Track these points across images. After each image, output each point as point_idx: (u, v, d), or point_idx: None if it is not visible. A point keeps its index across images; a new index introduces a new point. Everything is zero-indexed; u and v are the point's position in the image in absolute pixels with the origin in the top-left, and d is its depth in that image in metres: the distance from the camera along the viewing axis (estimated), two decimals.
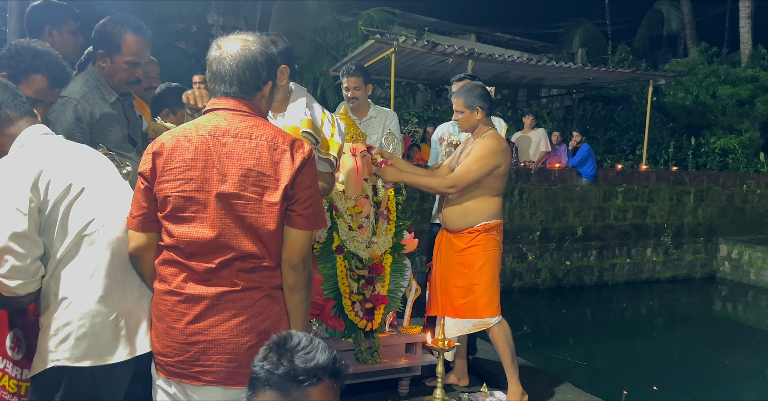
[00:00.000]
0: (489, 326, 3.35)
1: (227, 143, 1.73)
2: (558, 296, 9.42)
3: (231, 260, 1.73)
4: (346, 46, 12.14)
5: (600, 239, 9.90)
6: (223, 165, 1.73)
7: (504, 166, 3.32)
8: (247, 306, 1.75)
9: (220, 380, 1.75)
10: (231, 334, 1.74)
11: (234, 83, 1.79)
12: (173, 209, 1.75)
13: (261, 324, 1.77)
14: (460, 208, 3.38)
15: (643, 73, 11.19)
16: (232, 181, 1.72)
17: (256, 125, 1.77)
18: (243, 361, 1.73)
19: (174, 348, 1.77)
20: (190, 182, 1.73)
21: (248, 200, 1.72)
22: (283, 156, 1.74)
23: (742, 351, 7.47)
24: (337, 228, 3.24)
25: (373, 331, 3.33)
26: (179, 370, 1.77)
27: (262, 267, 1.77)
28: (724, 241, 10.87)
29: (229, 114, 1.79)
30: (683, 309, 9.74)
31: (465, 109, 3.38)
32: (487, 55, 9.31)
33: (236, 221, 1.73)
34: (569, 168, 9.71)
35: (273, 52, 1.86)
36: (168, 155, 1.75)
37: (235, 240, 1.73)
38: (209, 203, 1.73)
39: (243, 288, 1.75)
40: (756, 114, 13.61)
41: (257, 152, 1.73)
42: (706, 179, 10.80)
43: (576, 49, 17.28)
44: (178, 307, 1.76)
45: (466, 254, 3.37)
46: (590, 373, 6.12)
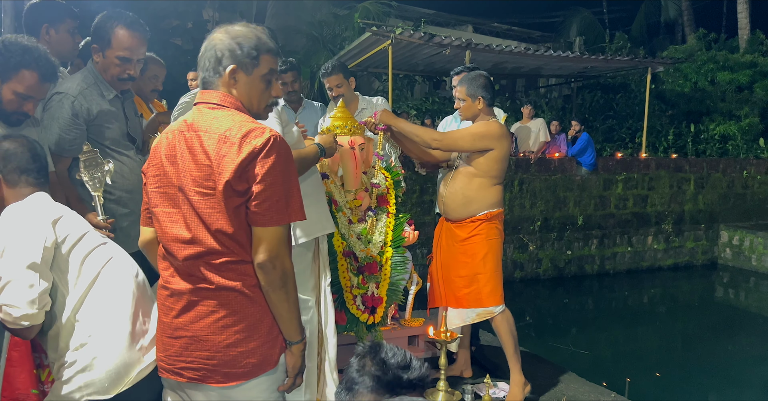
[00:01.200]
0: (493, 315, 3.35)
1: (189, 138, 1.72)
2: (559, 286, 9.43)
3: (200, 255, 1.71)
4: (343, 40, 12.10)
5: (601, 228, 9.90)
6: (184, 160, 1.72)
7: (498, 151, 3.31)
8: (224, 304, 1.72)
9: (201, 377, 1.73)
10: (209, 331, 1.72)
11: (201, 69, 1.81)
12: (153, 203, 1.81)
13: (238, 323, 1.72)
14: (461, 197, 3.38)
15: (642, 60, 11.16)
16: (189, 177, 1.70)
17: (217, 117, 1.73)
18: (221, 359, 1.71)
19: (163, 342, 1.80)
20: (162, 177, 1.77)
21: (203, 196, 1.69)
22: (231, 149, 1.65)
23: (744, 337, 7.48)
24: (336, 222, 3.24)
25: (375, 324, 3.33)
26: (166, 365, 1.79)
27: (233, 263, 1.71)
28: (725, 227, 10.86)
29: (202, 107, 1.78)
30: (685, 296, 9.75)
31: (467, 97, 3.38)
32: (485, 46, 9.29)
33: (196, 216, 1.71)
34: (569, 158, 9.69)
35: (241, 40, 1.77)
36: (154, 151, 1.82)
37: (200, 235, 1.71)
38: (177, 199, 1.74)
39: (217, 286, 1.71)
40: (755, 100, 13.57)
41: (207, 146, 1.68)
42: (706, 166, 10.78)
43: (573, 38, 17.23)
44: (167, 301, 1.78)
45: (468, 243, 3.38)
46: (593, 362, 6.13)
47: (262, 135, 1.67)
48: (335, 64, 3.96)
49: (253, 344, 1.73)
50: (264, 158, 1.65)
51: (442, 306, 3.52)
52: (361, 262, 3.30)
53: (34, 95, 2.31)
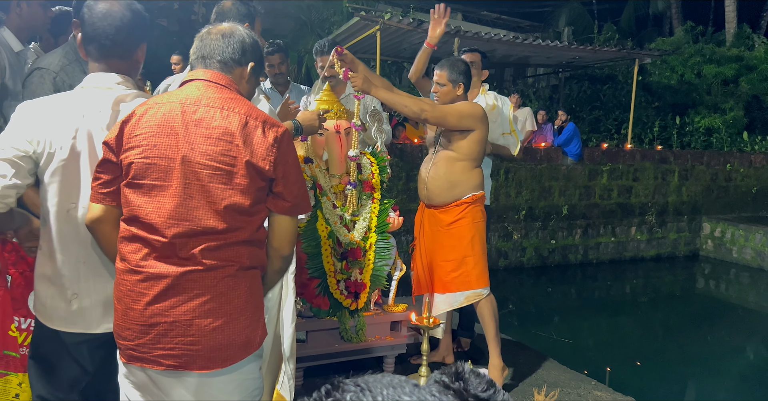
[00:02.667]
0: (482, 297, 3.37)
1: (197, 111, 1.66)
2: (543, 275, 9.48)
3: (195, 233, 1.63)
4: (331, 24, 12.00)
5: (585, 218, 9.94)
6: (190, 133, 1.64)
7: (479, 133, 3.33)
8: (211, 286, 1.65)
9: (182, 364, 1.64)
10: (193, 315, 1.63)
11: (215, 55, 1.76)
12: (134, 175, 1.66)
13: (226, 305, 1.66)
14: (446, 181, 3.38)
15: (629, 52, 11.18)
16: (200, 149, 1.63)
17: (231, 97, 1.70)
18: (207, 344, 1.64)
19: (134, 330, 1.66)
20: (154, 148, 1.65)
21: (215, 170, 1.63)
22: (255, 131, 1.66)
23: (723, 328, 7.57)
24: (321, 206, 3.21)
25: (358, 310, 3.32)
26: (139, 354, 1.66)
27: (229, 244, 1.67)
28: (707, 219, 10.97)
29: (204, 84, 1.73)
30: (667, 287, 9.84)
31: (448, 83, 3.37)
32: (473, 34, 9.25)
33: (200, 191, 1.64)
34: (555, 147, 9.71)
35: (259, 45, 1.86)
36: (136, 122, 1.68)
37: (195, 213, 1.63)
38: (172, 171, 1.64)
39: (207, 267, 1.64)
40: (740, 93, 13.66)
41: (228, 122, 1.65)
42: (690, 158, 10.85)
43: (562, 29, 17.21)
44: (138, 287, 1.65)
45: (455, 227, 3.39)
46: (575, 350, 6.18)
47: (278, 124, 1.72)
48: (331, 43, 3.87)
49: (238, 326, 1.68)
50: (286, 146, 1.71)
51: (428, 292, 3.52)
52: (344, 247, 3.28)
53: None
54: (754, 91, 13.70)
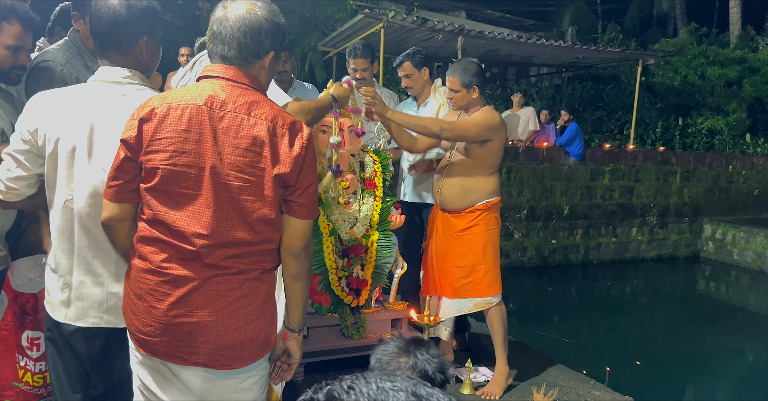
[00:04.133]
0: (491, 305, 3.35)
1: (225, 117, 1.61)
2: (544, 275, 9.49)
3: (221, 244, 1.63)
4: (335, 21, 11.98)
5: (586, 218, 9.95)
6: (219, 141, 1.61)
7: (497, 142, 3.29)
8: (234, 288, 1.66)
9: (206, 362, 1.67)
10: (217, 316, 1.65)
11: (233, 47, 1.68)
12: (161, 182, 1.62)
13: (249, 306, 1.68)
14: (460, 187, 3.34)
15: (633, 52, 11.16)
16: (229, 160, 1.60)
17: (256, 101, 1.66)
18: (229, 343, 1.66)
19: (156, 327, 1.67)
20: (183, 155, 1.60)
21: (245, 182, 1.61)
22: (282, 140, 1.63)
23: (723, 329, 7.58)
24: (323, 203, 3.22)
25: (360, 307, 3.33)
26: (164, 350, 1.68)
27: (255, 252, 1.68)
28: (708, 221, 10.96)
29: (227, 85, 1.67)
30: (667, 288, 9.85)
31: (462, 88, 3.31)
32: (477, 32, 9.24)
33: (230, 203, 1.62)
34: (557, 147, 9.70)
35: (281, 22, 1.74)
36: (158, 122, 1.62)
37: (225, 224, 1.62)
38: (203, 181, 1.61)
39: (233, 272, 1.66)
40: (743, 95, 13.64)
41: (255, 131, 1.61)
42: (692, 160, 10.85)
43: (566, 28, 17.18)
44: (161, 287, 1.65)
45: (467, 234, 3.35)
46: (574, 350, 6.19)
47: (302, 128, 1.69)
48: (367, 46, 3.88)
49: (259, 326, 1.71)
50: (309, 152, 1.68)
51: (437, 295, 3.50)
52: (346, 244, 3.29)
53: (23, 44, 2.30)
54: (757, 94, 13.68)
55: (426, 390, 0.67)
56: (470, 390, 3.30)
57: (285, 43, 1.76)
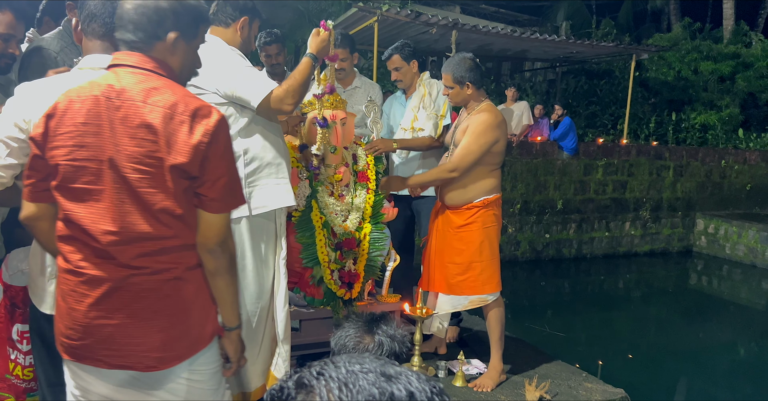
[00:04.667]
0: (486, 303, 3.33)
1: (122, 107, 1.52)
2: (537, 269, 9.52)
3: (129, 241, 1.55)
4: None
5: (579, 213, 9.97)
6: (116, 132, 1.51)
7: (502, 141, 3.25)
8: (154, 289, 1.58)
9: (129, 364, 1.60)
10: (138, 318, 1.57)
11: (130, 30, 1.58)
12: (64, 178, 1.55)
13: (172, 306, 1.61)
14: (458, 184, 3.30)
15: (627, 47, 11.17)
16: (127, 151, 1.51)
17: (156, 87, 1.55)
18: (152, 345, 1.58)
19: (77, 330, 1.59)
20: (83, 149, 1.53)
21: (143, 174, 1.52)
22: (180, 127, 1.51)
23: (714, 323, 7.62)
24: (316, 196, 3.21)
25: (352, 300, 3.33)
26: (87, 353, 1.61)
27: (170, 248, 1.59)
28: (701, 216, 11.01)
29: (129, 72, 1.58)
30: (660, 282, 9.89)
31: (454, 85, 3.28)
32: (471, 27, 9.22)
33: (132, 196, 1.54)
34: (551, 142, 9.72)
35: (186, 4, 1.63)
36: (60, 117, 1.56)
37: (128, 218, 1.54)
38: (103, 175, 1.53)
39: (150, 271, 1.57)
40: (736, 91, 13.70)
41: (150, 119, 1.50)
42: (685, 155, 10.88)
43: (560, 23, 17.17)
44: (80, 288, 1.58)
45: (464, 231, 3.31)
46: (567, 343, 6.21)
47: (210, 114, 1.55)
48: (345, 36, 3.88)
49: (186, 325, 1.63)
50: (216, 140, 1.54)
51: (434, 290, 3.49)
52: (339, 238, 3.29)
53: (14, 33, 2.28)
54: (750, 89, 13.74)
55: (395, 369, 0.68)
56: (462, 383, 3.31)
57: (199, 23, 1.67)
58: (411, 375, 0.67)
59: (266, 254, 2.65)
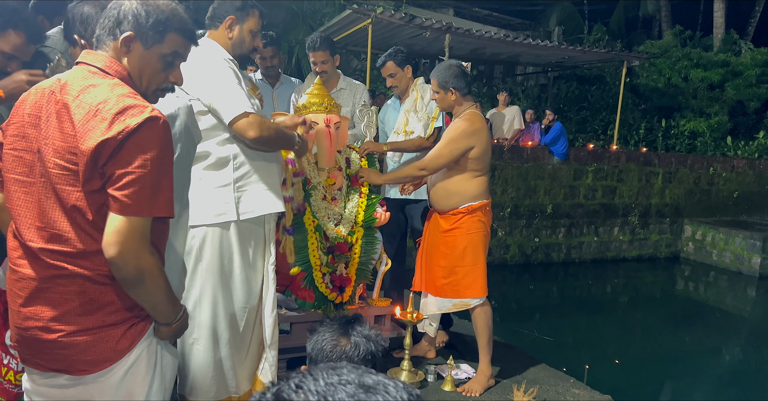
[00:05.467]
0: (469, 306, 3.37)
1: (60, 101, 1.50)
2: (526, 272, 9.56)
3: (49, 239, 1.51)
4: (323, 16, 11.94)
5: (569, 217, 10.03)
6: (49, 126, 1.50)
7: (478, 148, 3.28)
8: (78, 292, 1.52)
9: (62, 367, 1.55)
10: (62, 322, 1.52)
11: (98, 28, 1.60)
12: (5, 168, 1.56)
13: (97, 311, 1.54)
14: (443, 189, 3.37)
15: (618, 53, 11.25)
16: (53, 145, 1.48)
17: (95, 85, 1.50)
18: (80, 348, 1.53)
19: (15, 333, 1.58)
20: (22, 140, 1.54)
21: (63, 170, 1.47)
22: (100, 124, 1.43)
23: (700, 329, 7.69)
24: (309, 200, 3.22)
25: (343, 303, 3.34)
26: (26, 355, 1.59)
27: (90, 253, 1.51)
28: (689, 222, 11.10)
29: (82, 68, 1.56)
30: (647, 288, 9.96)
31: (440, 89, 3.34)
32: (465, 31, 9.26)
33: (53, 193, 1.50)
34: (541, 146, 9.77)
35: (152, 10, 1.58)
36: (17, 107, 1.58)
37: (51, 215, 1.50)
38: (35, 168, 1.52)
39: (70, 273, 1.51)
40: (725, 98, 13.82)
41: (76, 115, 1.46)
42: (674, 161, 10.97)
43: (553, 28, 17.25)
44: (15, 287, 1.57)
45: (449, 235, 3.37)
46: (555, 347, 6.24)
47: (140, 114, 1.45)
48: (324, 39, 3.89)
49: (114, 331, 1.56)
50: (136, 139, 1.44)
51: (423, 291, 3.53)
52: (331, 241, 3.29)
53: (18, 56, 2.26)
54: (739, 97, 13.87)
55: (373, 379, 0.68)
56: (451, 387, 3.33)
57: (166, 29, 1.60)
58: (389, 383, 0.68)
59: (254, 259, 2.65)
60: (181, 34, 1.63)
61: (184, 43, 1.65)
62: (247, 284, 2.62)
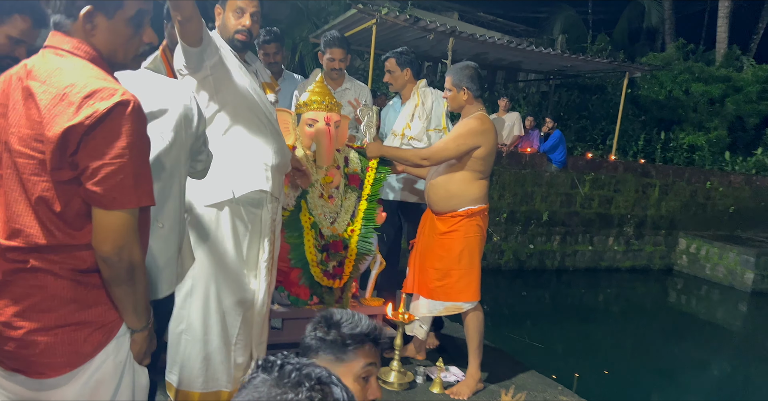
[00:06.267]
0: (461, 310, 3.36)
1: (26, 88, 1.42)
2: (519, 278, 9.56)
3: (15, 231, 1.44)
4: (328, 14, 11.94)
5: (564, 226, 10.04)
6: (16, 113, 1.42)
7: (484, 148, 3.28)
8: (42, 286, 1.45)
9: (20, 368, 1.48)
10: (23, 318, 1.45)
11: (50, 9, 1.48)
12: None
13: (59, 309, 1.46)
14: (444, 190, 3.35)
15: (621, 64, 11.27)
16: (20, 133, 1.41)
17: (62, 68, 1.42)
18: (38, 349, 1.45)
19: None
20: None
21: (29, 159, 1.40)
22: (67, 109, 1.35)
23: (690, 342, 7.70)
24: (305, 197, 3.22)
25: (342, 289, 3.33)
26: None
27: (56, 248, 1.44)
28: (683, 235, 11.11)
29: (48, 52, 1.47)
30: (639, 299, 9.98)
31: (453, 87, 3.37)
32: (468, 35, 9.26)
33: (18, 183, 1.43)
34: (540, 153, 9.78)
35: None
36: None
37: (16, 207, 1.43)
38: (2, 158, 1.46)
39: (32, 267, 1.44)
40: (725, 113, 13.85)
41: (42, 100, 1.38)
42: (671, 174, 10.99)
43: (556, 36, 17.29)
44: None
45: (446, 238, 3.35)
46: (545, 354, 6.25)
47: (109, 97, 1.36)
48: (344, 37, 3.94)
49: (77, 334, 1.48)
50: (107, 126, 1.35)
51: (415, 292, 3.52)
52: (326, 239, 3.29)
53: (26, 40, 2.27)
54: (738, 112, 13.91)
55: None
56: (440, 389, 3.32)
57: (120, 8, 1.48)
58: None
59: (249, 252, 2.58)
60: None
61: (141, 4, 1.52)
62: (240, 278, 2.57)
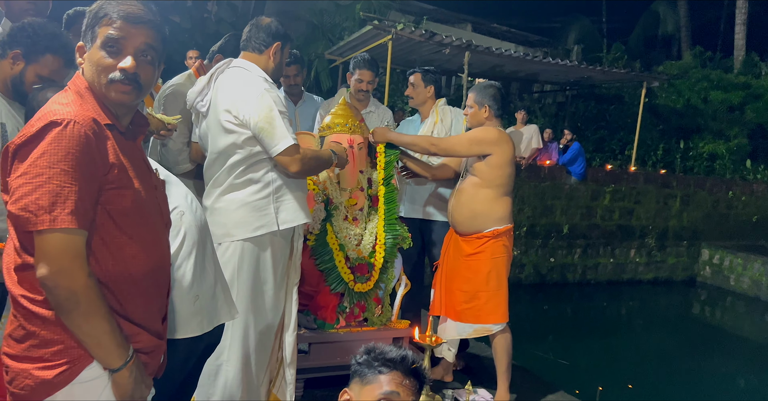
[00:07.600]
0: (491, 332, 3.34)
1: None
2: (540, 292, 9.48)
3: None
4: (342, 30, 12.01)
5: (585, 238, 9.95)
6: None
7: (498, 157, 3.26)
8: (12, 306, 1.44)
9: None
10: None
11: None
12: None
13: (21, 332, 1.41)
14: (468, 210, 3.33)
15: (638, 74, 11.21)
16: None
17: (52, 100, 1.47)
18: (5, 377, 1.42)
19: None
20: None
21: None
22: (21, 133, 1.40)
23: (716, 355, 7.58)
24: (330, 220, 3.20)
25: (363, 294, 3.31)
26: None
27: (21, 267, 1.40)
28: (706, 246, 10.97)
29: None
30: (662, 311, 9.85)
31: (474, 104, 3.39)
32: (485, 48, 9.27)
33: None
34: (559, 166, 9.72)
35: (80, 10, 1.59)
36: None
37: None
38: None
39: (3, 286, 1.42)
40: (745, 121, 13.71)
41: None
42: (692, 184, 10.88)
43: (571, 46, 17.27)
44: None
45: (473, 259, 3.33)
46: (568, 370, 6.17)
47: (44, 119, 1.35)
48: (374, 59, 3.96)
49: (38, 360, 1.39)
50: (34, 144, 1.33)
51: (442, 315, 3.49)
52: (352, 262, 3.27)
53: (56, 79, 2.29)
54: (759, 120, 13.75)
55: None
56: None
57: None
58: None
59: (282, 277, 2.66)
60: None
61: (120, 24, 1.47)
62: (276, 304, 2.63)
